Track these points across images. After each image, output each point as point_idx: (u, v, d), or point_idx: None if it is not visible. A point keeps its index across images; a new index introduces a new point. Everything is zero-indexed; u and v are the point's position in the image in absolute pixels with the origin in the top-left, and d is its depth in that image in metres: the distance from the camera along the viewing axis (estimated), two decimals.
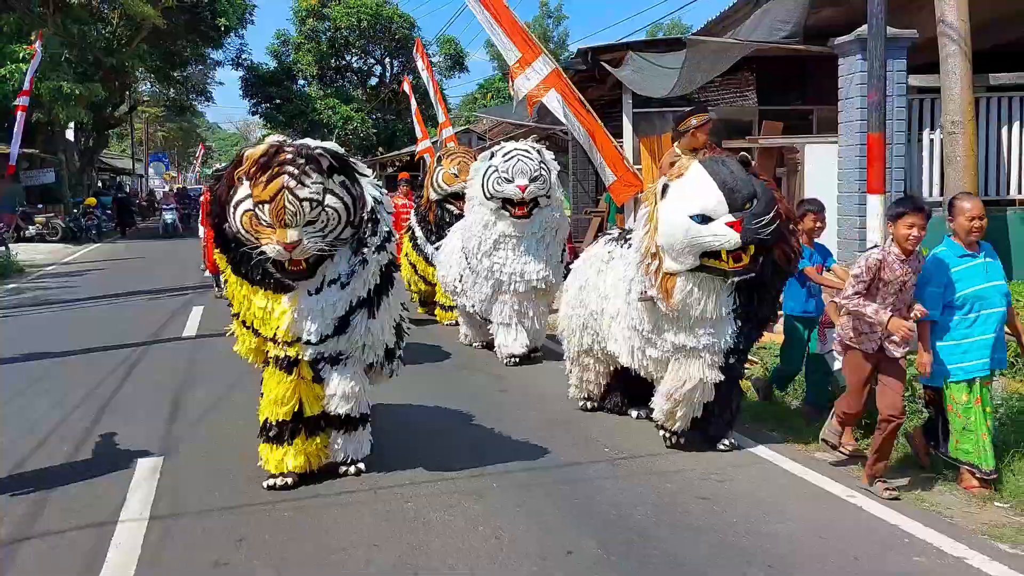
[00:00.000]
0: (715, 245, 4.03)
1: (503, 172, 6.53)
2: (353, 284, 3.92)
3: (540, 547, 3.44)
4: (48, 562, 3.36)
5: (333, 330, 3.93)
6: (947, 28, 7.04)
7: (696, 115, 5.40)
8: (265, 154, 3.63)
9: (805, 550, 3.46)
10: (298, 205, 3.58)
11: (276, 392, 3.99)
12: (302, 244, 3.63)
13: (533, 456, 4.59)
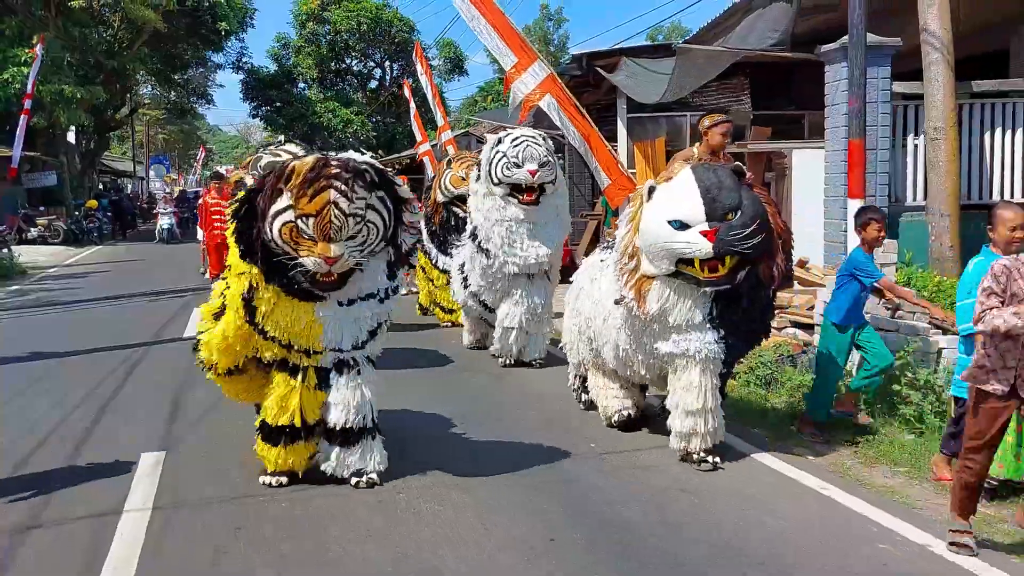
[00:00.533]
0: (687, 253, 4.02)
1: (512, 157, 6.46)
2: (393, 300, 4.08)
3: (527, 536, 3.61)
4: (55, 550, 3.53)
5: (368, 336, 4.04)
6: (930, 36, 7.21)
7: (709, 115, 5.34)
8: (314, 167, 3.66)
9: (775, 540, 3.62)
10: (344, 220, 3.63)
11: (280, 395, 4.03)
12: (343, 258, 3.69)
13: (526, 453, 4.74)
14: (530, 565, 3.34)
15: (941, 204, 7.26)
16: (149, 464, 4.55)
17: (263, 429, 4.12)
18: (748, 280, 4.15)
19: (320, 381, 4.05)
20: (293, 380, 4.02)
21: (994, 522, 3.85)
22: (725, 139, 5.22)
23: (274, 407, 4.03)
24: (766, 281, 4.24)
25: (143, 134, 46.69)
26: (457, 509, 3.90)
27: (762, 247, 4.09)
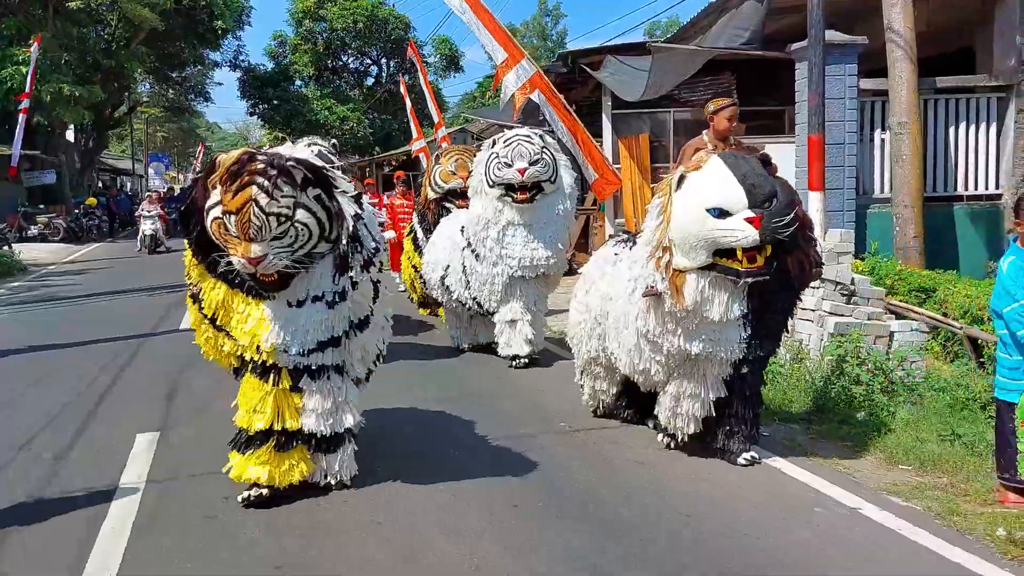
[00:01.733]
0: (731, 241, 3.85)
1: (503, 157, 6.39)
2: (343, 305, 3.76)
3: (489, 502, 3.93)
4: (58, 517, 3.84)
5: (317, 345, 3.78)
6: (894, 35, 7.51)
7: (714, 100, 5.16)
8: (237, 162, 3.46)
9: (720, 504, 3.94)
10: (264, 220, 3.41)
11: (252, 400, 3.84)
12: (267, 259, 3.47)
13: (504, 437, 5.06)
14: (492, 527, 3.66)
15: (905, 196, 7.57)
16: (145, 443, 4.86)
17: (236, 438, 3.93)
18: (779, 274, 4.02)
19: (294, 383, 3.84)
20: (266, 383, 3.82)
21: (925, 489, 4.16)
22: (732, 123, 5.02)
23: (248, 412, 3.84)
24: (794, 273, 4.09)
25: (142, 132, 46.94)
26: (430, 478, 4.22)
27: (796, 237, 3.99)
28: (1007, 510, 3.83)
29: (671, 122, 11.70)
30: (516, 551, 3.43)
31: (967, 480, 4.25)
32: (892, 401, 5.30)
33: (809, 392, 5.51)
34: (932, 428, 4.85)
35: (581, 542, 3.51)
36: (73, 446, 4.88)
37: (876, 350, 5.57)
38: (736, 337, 4.12)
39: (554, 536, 3.57)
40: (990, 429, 4.88)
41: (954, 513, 3.84)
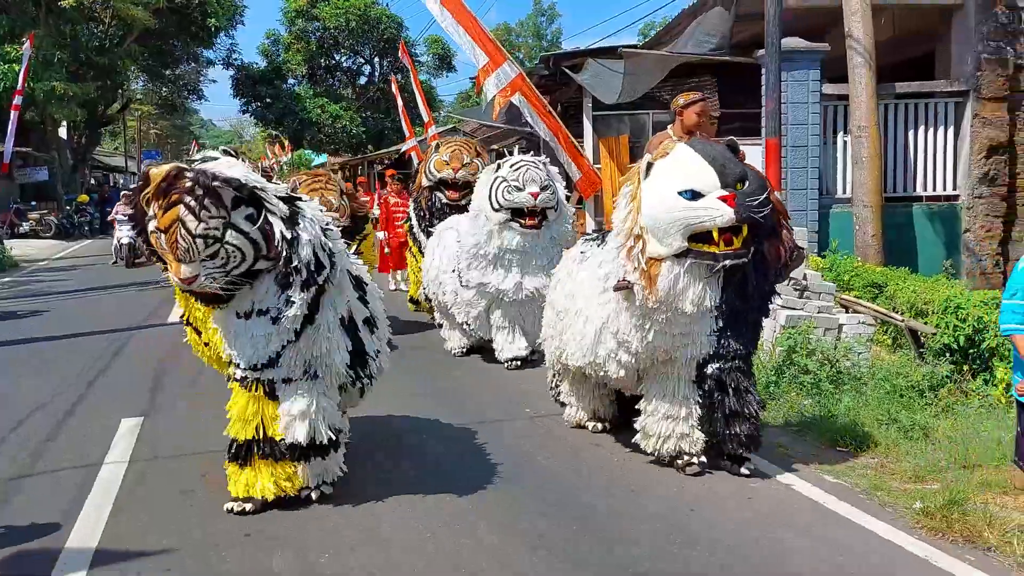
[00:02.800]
0: (706, 221, 3.75)
1: (512, 181, 6.26)
2: (284, 323, 3.60)
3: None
4: (46, 492, 4.13)
5: (268, 361, 3.68)
6: (854, 42, 7.83)
7: (684, 94, 5.08)
8: (165, 178, 3.35)
9: (661, 482, 4.25)
10: (191, 242, 3.30)
11: (239, 407, 3.79)
12: (198, 280, 3.38)
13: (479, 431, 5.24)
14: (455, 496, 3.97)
15: (864, 196, 7.89)
16: (128, 427, 5.15)
17: (229, 448, 3.86)
18: (754, 261, 3.94)
19: (269, 390, 3.76)
20: (247, 390, 3.78)
21: (857, 467, 4.48)
22: (701, 119, 4.89)
23: (236, 421, 3.80)
24: (772, 262, 4.02)
25: (135, 129, 47.02)
26: (394, 456, 4.51)
27: (769, 220, 3.91)
28: (928, 488, 4.14)
29: (650, 123, 11.98)
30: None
31: (897, 460, 4.57)
32: (838, 389, 5.61)
33: (760, 381, 5.80)
34: (871, 413, 5.16)
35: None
36: (61, 429, 5.17)
37: (825, 342, 5.88)
38: (706, 330, 4.01)
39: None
40: (925, 414, 5.24)
41: (878, 489, 4.15)
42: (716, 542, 3.52)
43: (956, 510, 3.73)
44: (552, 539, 3.55)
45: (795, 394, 5.71)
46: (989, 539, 3.54)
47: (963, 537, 3.58)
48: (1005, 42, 8.36)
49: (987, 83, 8.33)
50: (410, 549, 3.47)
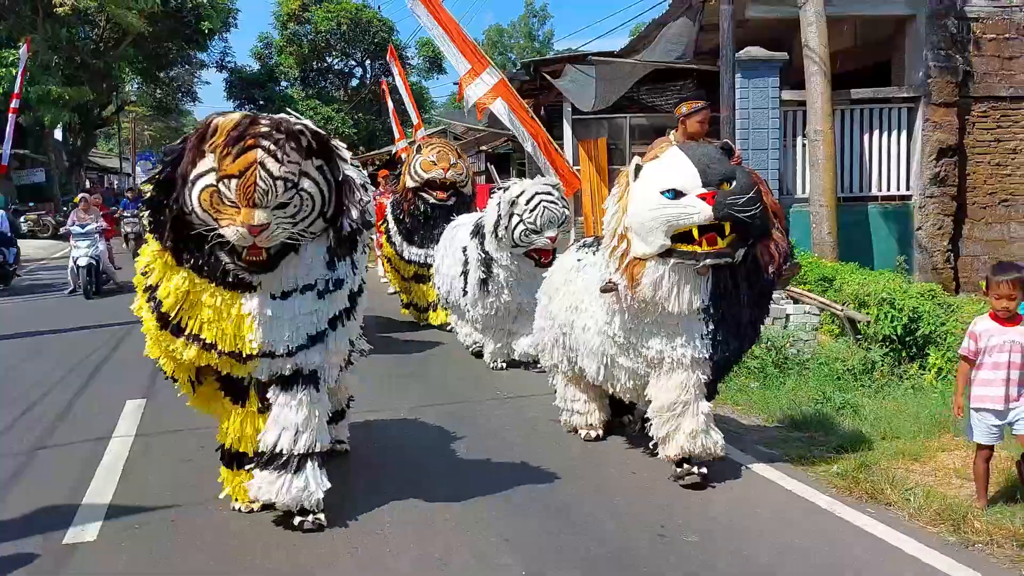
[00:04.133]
0: (684, 220, 3.75)
1: (529, 223, 6.25)
2: (338, 293, 3.51)
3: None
4: (61, 462, 4.63)
5: (307, 340, 3.47)
6: (810, 52, 8.36)
7: (687, 102, 4.99)
8: (238, 125, 3.18)
9: (604, 455, 4.76)
10: (271, 183, 3.14)
11: (234, 428, 3.66)
12: (269, 229, 3.16)
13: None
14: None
15: (820, 197, 8.42)
16: (132, 407, 5.64)
17: (224, 454, 3.78)
18: (745, 264, 3.91)
19: (263, 403, 3.60)
20: (237, 406, 3.62)
21: (791, 440, 4.99)
22: (704, 127, 4.83)
23: (230, 436, 3.69)
24: (765, 265, 3.96)
25: (130, 131, 47.36)
26: (380, 448, 5.01)
27: (760, 223, 3.87)
28: (846, 455, 4.65)
29: (627, 127, 12.52)
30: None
31: (825, 434, 5.07)
32: (783, 373, 6.13)
33: None
34: (809, 394, 5.68)
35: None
36: (71, 409, 5.67)
37: (772, 329, 6.40)
38: (698, 332, 3.97)
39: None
40: (857, 394, 5.76)
41: (804, 457, 4.66)
42: (647, 490, 4.04)
43: (863, 472, 4.25)
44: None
45: (744, 377, 6.22)
46: (889, 496, 4.04)
47: (867, 494, 4.09)
48: (954, 51, 8.89)
49: (937, 89, 8.86)
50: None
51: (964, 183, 9.07)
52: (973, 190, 9.07)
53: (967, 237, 9.08)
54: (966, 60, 8.93)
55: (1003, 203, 9.09)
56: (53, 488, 4.18)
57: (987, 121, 9.04)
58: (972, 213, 9.10)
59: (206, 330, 3.38)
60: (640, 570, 3.32)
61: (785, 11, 8.53)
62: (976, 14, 8.86)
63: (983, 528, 3.61)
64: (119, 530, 3.68)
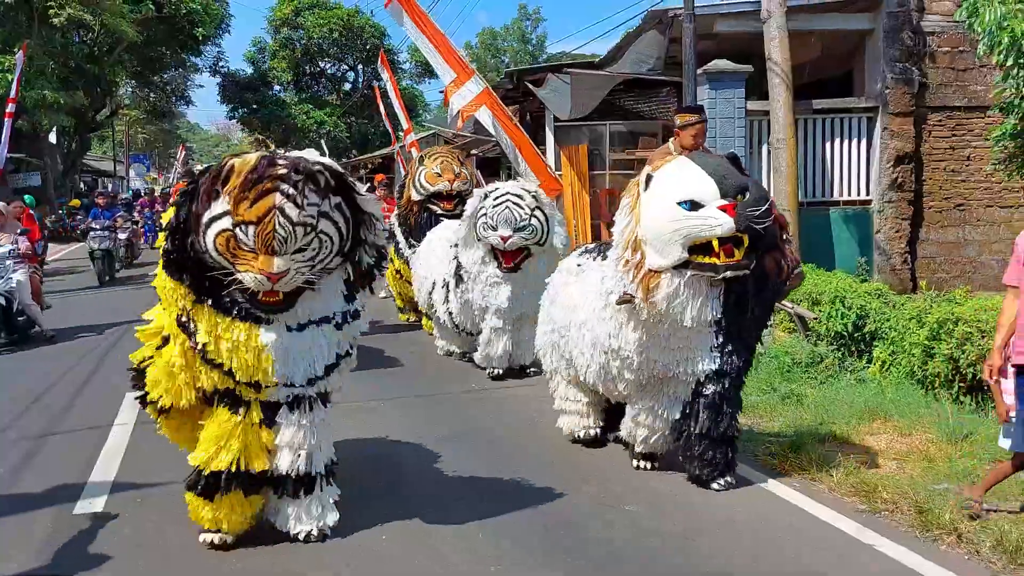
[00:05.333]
0: (707, 230, 3.70)
1: (490, 217, 6.18)
2: (356, 324, 3.54)
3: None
4: (67, 446, 5.08)
5: (324, 371, 3.48)
6: (773, 65, 8.83)
7: (680, 115, 5.04)
8: (256, 167, 3.09)
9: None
10: (290, 229, 3.08)
11: (217, 433, 3.44)
12: (288, 274, 3.14)
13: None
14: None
15: (783, 201, 8.88)
16: (132, 399, 5.96)
17: (194, 480, 3.52)
18: (753, 275, 3.89)
19: (266, 418, 3.47)
20: (235, 415, 3.45)
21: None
22: (697, 141, 4.87)
23: (211, 447, 3.43)
24: (772, 275, 3.96)
25: (123, 134, 47.68)
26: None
27: (770, 234, 3.87)
28: (784, 438, 5.11)
29: (607, 134, 13.01)
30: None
31: (769, 420, 5.55)
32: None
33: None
34: (758, 384, 6.14)
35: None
36: (74, 401, 6.11)
37: None
38: (708, 345, 3.97)
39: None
40: (802, 385, 6.23)
41: (746, 440, 5.11)
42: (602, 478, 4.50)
43: (794, 452, 4.72)
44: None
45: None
46: (815, 473, 4.51)
47: (796, 471, 4.56)
48: (911, 63, 9.38)
49: (894, 100, 9.35)
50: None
51: (921, 188, 9.56)
52: (929, 195, 9.56)
53: (924, 240, 9.57)
54: (922, 72, 9.43)
55: (958, 207, 9.59)
56: (62, 468, 4.63)
57: (943, 130, 9.53)
58: (928, 217, 9.60)
59: (226, 359, 3.32)
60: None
61: (751, 26, 9.01)
62: (932, 28, 9.35)
63: (890, 498, 4.08)
64: (123, 503, 4.13)
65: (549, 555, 3.58)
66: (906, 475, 4.48)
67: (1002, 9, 6.19)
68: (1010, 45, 6.14)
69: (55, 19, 22.40)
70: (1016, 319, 3.71)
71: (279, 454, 3.49)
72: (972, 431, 4.99)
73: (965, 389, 5.81)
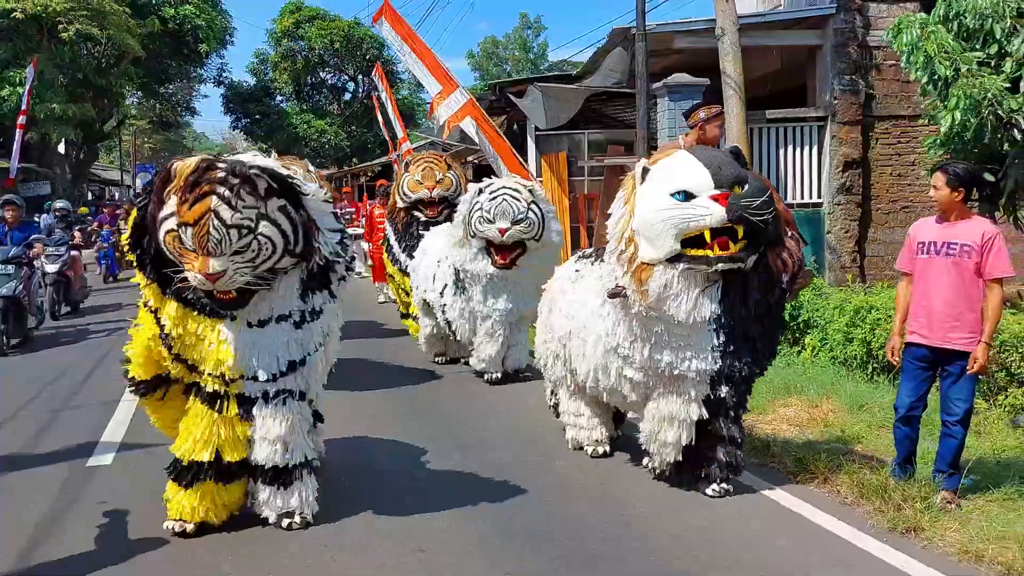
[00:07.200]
0: (697, 221, 3.63)
1: (486, 211, 6.14)
2: (316, 324, 3.63)
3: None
4: (80, 418, 5.83)
5: (288, 367, 3.58)
6: (727, 78, 9.55)
7: (704, 107, 4.96)
8: (195, 170, 3.24)
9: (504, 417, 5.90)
10: (224, 232, 3.19)
11: (197, 429, 3.62)
12: (226, 275, 3.25)
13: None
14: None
15: None
16: None
17: (174, 468, 3.71)
18: (757, 273, 3.78)
19: (243, 411, 3.63)
20: (212, 410, 3.61)
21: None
22: (721, 132, 4.78)
23: (190, 439, 3.63)
24: (777, 272, 3.82)
25: (130, 144, 48.67)
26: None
27: (773, 228, 3.74)
28: None
29: (585, 142, 13.78)
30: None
31: None
32: None
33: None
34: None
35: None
36: (85, 382, 6.89)
37: None
38: (708, 344, 3.85)
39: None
40: None
41: None
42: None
43: None
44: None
45: None
46: None
47: None
48: (858, 76, 10.08)
49: (842, 110, 10.06)
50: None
51: (869, 192, 10.25)
52: (877, 198, 10.26)
53: (871, 239, 10.25)
54: (869, 84, 10.13)
55: (904, 209, 10.28)
56: (77, 433, 5.40)
57: (889, 137, 10.23)
58: (876, 218, 10.29)
59: (189, 352, 3.53)
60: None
61: (708, 42, 9.73)
62: (877, 43, 10.04)
63: (777, 452, 4.80)
64: (129, 459, 4.88)
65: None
66: (804, 438, 5.19)
67: (916, 31, 6.91)
68: (924, 64, 6.84)
69: (63, 33, 23.27)
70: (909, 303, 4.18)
71: (257, 445, 3.63)
72: (868, 402, 5.71)
73: (879, 369, 6.52)
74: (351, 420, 5.54)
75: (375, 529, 3.85)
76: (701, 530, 3.84)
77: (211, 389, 3.60)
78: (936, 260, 4.12)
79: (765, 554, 3.59)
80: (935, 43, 6.61)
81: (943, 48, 6.47)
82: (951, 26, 6.70)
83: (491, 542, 3.73)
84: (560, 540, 3.73)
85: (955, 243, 4.08)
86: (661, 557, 3.57)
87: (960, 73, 6.32)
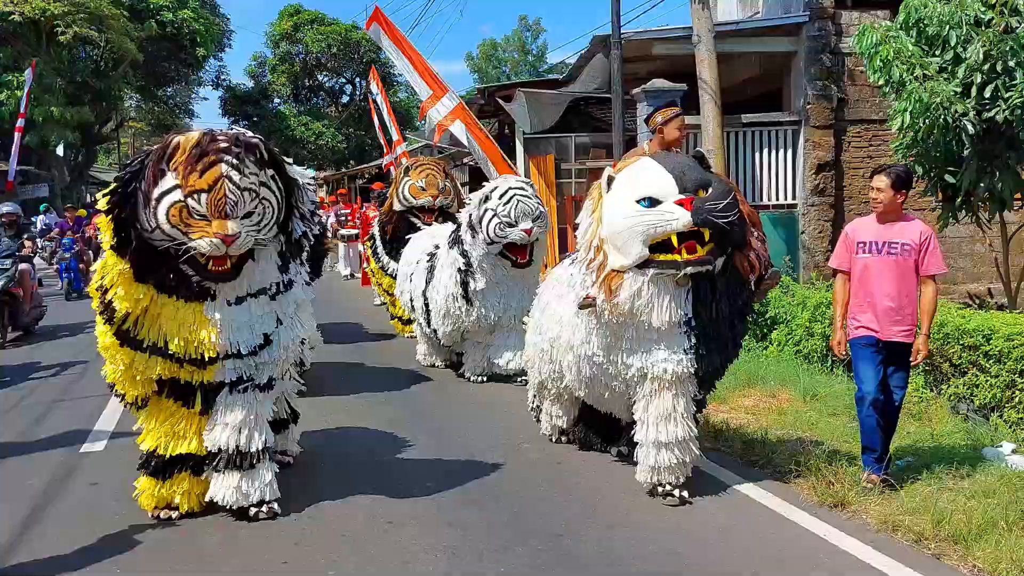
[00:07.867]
0: (664, 226, 3.69)
1: (504, 216, 6.13)
2: (289, 295, 3.82)
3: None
4: (77, 408, 6.15)
5: (264, 339, 3.73)
6: (703, 83, 9.88)
7: (661, 111, 5.04)
8: (199, 142, 3.42)
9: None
10: (239, 194, 3.41)
11: (176, 421, 3.82)
12: (241, 237, 3.43)
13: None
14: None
15: None
16: None
17: (154, 463, 3.86)
18: (725, 274, 3.86)
19: (204, 404, 3.79)
20: (183, 408, 3.80)
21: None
22: (682, 132, 4.96)
23: (169, 435, 3.81)
24: (744, 274, 3.90)
25: (128, 146, 48.97)
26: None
27: (738, 229, 3.79)
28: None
29: (572, 145, 14.12)
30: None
31: None
32: None
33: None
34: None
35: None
36: (82, 377, 7.19)
37: None
38: (681, 346, 3.88)
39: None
40: None
41: None
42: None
43: None
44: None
45: None
46: None
47: None
48: (830, 81, 10.41)
49: (815, 114, 10.38)
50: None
51: (842, 193, 10.57)
52: (849, 199, 10.57)
53: None
54: (841, 89, 10.46)
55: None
56: (72, 422, 5.72)
57: (860, 140, 10.55)
58: (849, 219, 10.58)
59: (169, 341, 3.55)
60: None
61: (685, 48, 10.06)
62: (849, 50, 10.33)
63: (729, 437, 5.12)
64: (121, 446, 5.17)
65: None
66: (758, 425, 5.51)
67: (876, 36, 7.22)
68: (882, 67, 7.16)
69: (62, 37, 23.62)
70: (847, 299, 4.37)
71: (219, 432, 3.75)
72: (821, 391, 6.03)
73: (837, 361, 6.84)
74: (344, 417, 5.77)
75: (349, 504, 4.12)
76: (655, 511, 4.07)
77: (184, 380, 3.72)
78: (878, 259, 4.32)
79: (696, 521, 3.92)
80: (893, 48, 6.93)
81: (901, 53, 6.79)
82: (912, 33, 7.02)
83: (455, 513, 4.04)
84: (508, 499, 4.09)
85: (896, 243, 4.33)
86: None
87: (915, 77, 6.64)
